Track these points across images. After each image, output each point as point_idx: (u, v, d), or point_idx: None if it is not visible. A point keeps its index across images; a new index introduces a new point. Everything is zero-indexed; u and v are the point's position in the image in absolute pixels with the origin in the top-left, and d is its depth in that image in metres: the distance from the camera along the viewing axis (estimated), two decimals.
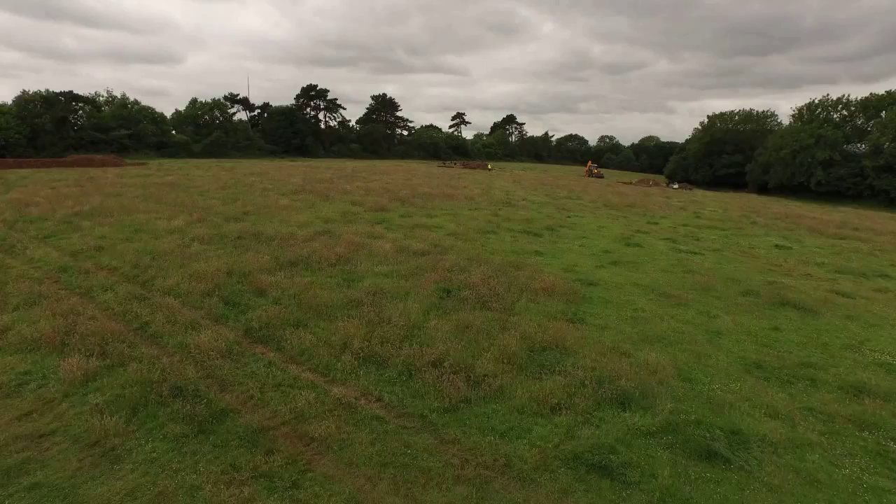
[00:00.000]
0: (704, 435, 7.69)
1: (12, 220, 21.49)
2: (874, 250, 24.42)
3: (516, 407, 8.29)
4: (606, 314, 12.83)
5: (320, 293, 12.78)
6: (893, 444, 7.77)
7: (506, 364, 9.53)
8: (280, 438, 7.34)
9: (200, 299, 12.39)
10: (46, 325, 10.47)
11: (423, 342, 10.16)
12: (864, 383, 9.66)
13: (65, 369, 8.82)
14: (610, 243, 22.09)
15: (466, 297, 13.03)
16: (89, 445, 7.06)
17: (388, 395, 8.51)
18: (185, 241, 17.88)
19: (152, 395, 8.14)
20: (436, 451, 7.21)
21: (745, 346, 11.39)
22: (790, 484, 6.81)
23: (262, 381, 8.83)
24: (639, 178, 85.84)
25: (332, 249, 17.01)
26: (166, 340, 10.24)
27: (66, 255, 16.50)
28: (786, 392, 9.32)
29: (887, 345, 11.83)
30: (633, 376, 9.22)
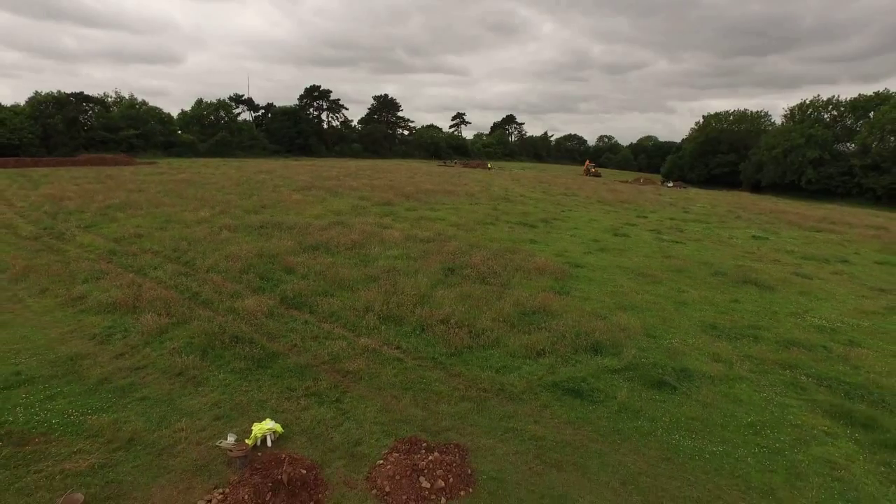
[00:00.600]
0: (658, 371, 9.68)
1: (53, 212, 23.48)
2: (843, 241, 26.41)
3: (509, 352, 10.28)
4: (589, 289, 14.83)
5: (341, 270, 14.79)
6: (805, 378, 9.77)
7: (501, 322, 11.53)
8: (322, 372, 9.34)
9: (238, 275, 14.39)
10: (117, 293, 12.48)
11: (433, 306, 12.16)
12: (797, 339, 11.66)
13: (142, 323, 10.82)
14: (599, 234, 24.07)
15: (468, 275, 15.04)
16: (175, 375, 9.05)
17: (406, 344, 10.51)
18: (214, 230, 19.88)
19: (216, 342, 10.12)
20: (445, 381, 9.21)
21: (706, 313, 13.39)
22: (719, 402, 8.80)
23: (301, 334, 10.82)
24: (635, 176, 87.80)
25: (348, 236, 19.02)
26: (217, 305, 12.23)
27: (110, 241, 18.50)
28: (731, 345, 11.31)
29: (826, 313, 13.84)
30: (606, 332, 11.22)
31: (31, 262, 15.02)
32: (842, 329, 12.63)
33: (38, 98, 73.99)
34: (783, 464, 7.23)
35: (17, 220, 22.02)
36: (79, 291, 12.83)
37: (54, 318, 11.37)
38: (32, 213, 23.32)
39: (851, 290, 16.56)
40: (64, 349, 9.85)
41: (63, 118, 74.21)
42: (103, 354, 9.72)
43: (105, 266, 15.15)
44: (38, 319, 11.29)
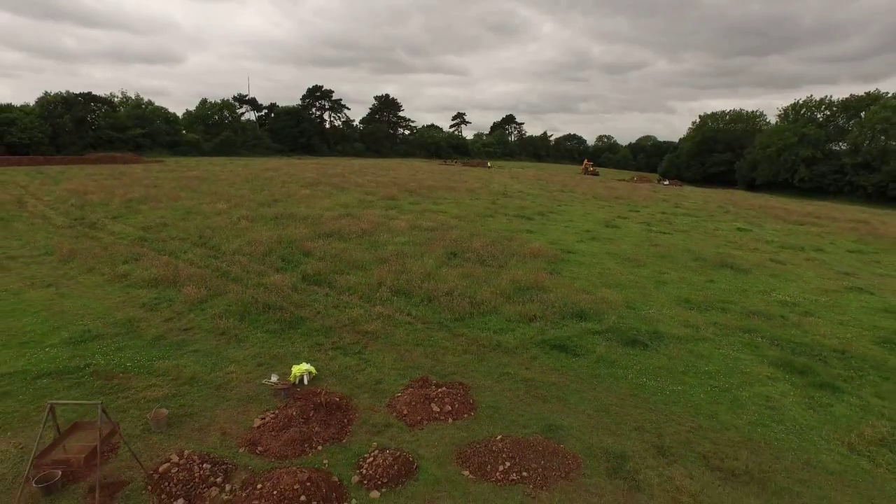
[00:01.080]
0: (633, 333, 11.23)
1: (79, 204, 25.03)
2: (822, 233, 27.96)
3: (505, 318, 11.83)
4: (578, 270, 16.39)
5: (354, 253, 16.35)
6: (760, 339, 11.31)
7: (498, 295, 13.08)
8: (344, 332, 10.89)
9: (262, 258, 15.95)
10: (156, 271, 14.03)
11: (438, 282, 13.72)
12: (760, 310, 13.21)
13: (184, 294, 12.37)
14: (592, 225, 25.62)
15: (469, 258, 16.60)
16: (219, 334, 10.59)
17: (415, 312, 12.06)
18: (233, 220, 21.43)
19: (251, 309, 11.67)
20: (450, 339, 10.76)
21: (683, 290, 14.94)
22: (683, 356, 10.35)
23: (323, 304, 12.37)
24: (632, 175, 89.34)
25: (358, 225, 20.58)
26: (246, 281, 13.77)
27: (138, 229, 20.05)
28: (701, 314, 12.86)
29: (791, 291, 15.38)
30: (590, 303, 12.77)
31: (74, 246, 16.57)
32: (801, 303, 14.18)
33: (47, 98, 75.58)
34: (728, 398, 8.79)
35: (49, 211, 23.57)
36: (122, 270, 14.39)
37: (105, 292, 12.92)
38: (61, 206, 24.87)
39: (819, 273, 18.11)
40: (120, 314, 11.40)
41: (71, 118, 75.78)
42: (154, 318, 11.27)
43: (139, 250, 16.71)
44: (92, 292, 12.85)
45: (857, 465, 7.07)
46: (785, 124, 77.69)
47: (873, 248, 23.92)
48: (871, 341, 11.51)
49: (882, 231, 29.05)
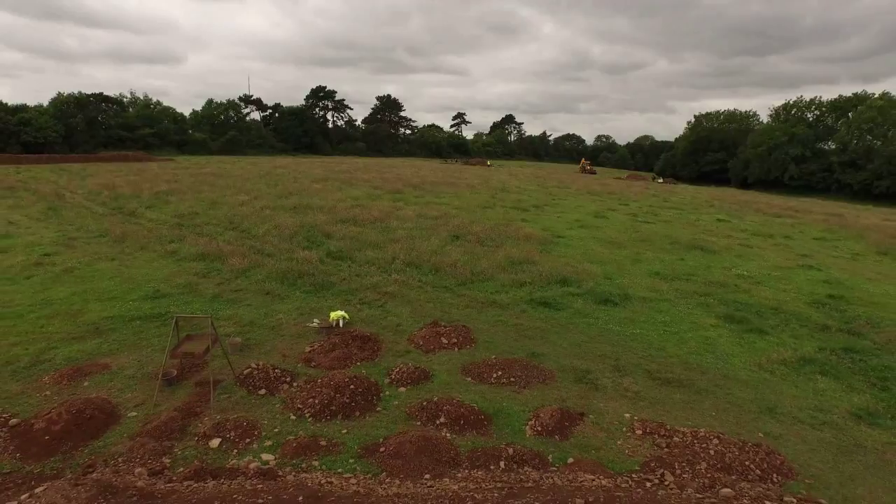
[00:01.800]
0: (606, 295, 13.53)
1: (113, 196, 27.36)
2: (796, 223, 30.26)
3: (500, 283, 14.15)
4: (566, 250, 18.70)
5: (369, 235, 18.68)
6: (712, 301, 13.61)
7: (495, 267, 15.39)
8: (368, 292, 13.19)
9: (289, 238, 18.27)
10: (201, 248, 16.35)
11: (443, 257, 16.04)
12: (719, 280, 15.53)
13: (230, 265, 14.70)
14: (582, 216, 27.92)
15: (469, 239, 18.93)
16: (264, 294, 12.89)
17: (425, 278, 14.38)
18: (256, 209, 23.75)
19: (288, 276, 13.98)
20: (455, 298, 13.06)
21: (655, 266, 17.23)
22: (645, 311, 12.65)
23: (347, 273, 14.68)
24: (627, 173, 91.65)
25: (370, 213, 22.91)
26: (279, 256, 16.07)
27: (172, 217, 22.37)
28: (667, 283, 15.16)
29: (749, 267, 17.68)
30: (573, 273, 15.08)
31: (123, 230, 18.89)
32: (755, 276, 16.48)
33: (60, 99, 77.92)
34: (676, 338, 11.10)
35: (87, 202, 25.89)
36: (171, 248, 16.71)
37: (161, 264, 15.24)
38: (96, 198, 27.19)
39: (780, 255, 20.42)
40: (179, 280, 13.71)
41: (84, 117, 78.09)
42: (208, 283, 13.59)
43: (180, 233, 19.03)
44: (150, 265, 15.17)
45: (761, 377, 9.38)
46: (776, 124, 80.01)
47: (837, 236, 26.22)
48: (803, 303, 13.83)
49: (851, 223, 31.34)
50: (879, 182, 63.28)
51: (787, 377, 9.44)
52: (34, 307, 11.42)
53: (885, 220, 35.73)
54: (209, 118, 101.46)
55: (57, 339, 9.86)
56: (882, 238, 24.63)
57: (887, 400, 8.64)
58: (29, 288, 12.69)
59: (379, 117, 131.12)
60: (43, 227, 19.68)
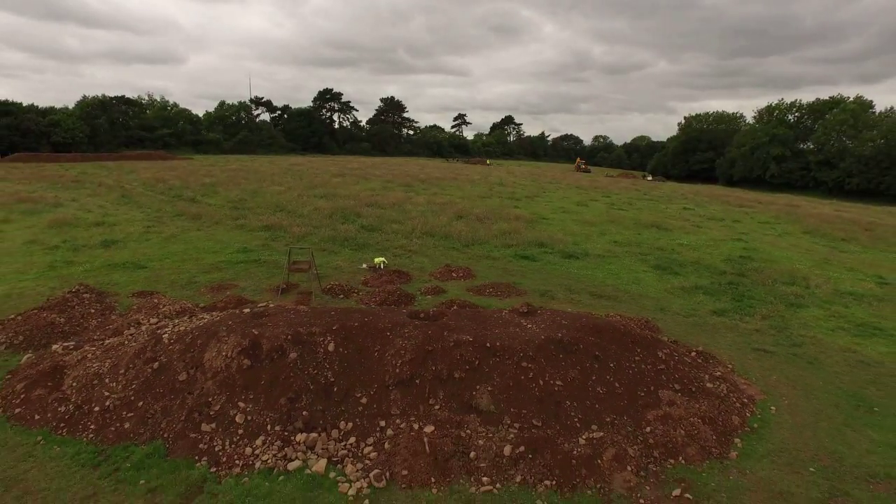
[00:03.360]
0: (572, 252, 18.39)
1: (167, 187, 32.23)
2: (751, 212, 35.09)
3: (493, 245, 19.03)
4: (546, 226, 23.57)
5: (391, 215, 23.56)
6: (650, 257, 18.47)
7: (490, 236, 20.27)
8: (396, 249, 18.04)
9: (329, 216, 23.14)
10: (263, 222, 21.21)
11: (450, 229, 20.91)
12: (662, 247, 20.38)
13: (292, 231, 19.57)
14: (566, 204, 32.79)
15: (471, 218, 23.81)
16: (321, 251, 17.72)
17: (438, 242, 19.25)
18: (294, 196, 28.62)
19: (336, 239, 18.84)
20: (460, 254, 17.93)
21: (616, 237, 22.09)
22: (598, 262, 17.51)
23: (379, 238, 19.54)
24: (619, 172, 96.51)
25: (388, 200, 27.82)
26: (325, 228, 20.91)
27: (226, 202, 27.22)
28: (620, 247, 20.01)
29: (690, 239, 22.51)
30: (549, 240, 19.95)
31: (195, 211, 23.75)
32: (692, 245, 21.33)
33: (85, 101, 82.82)
34: (615, 277, 15.94)
35: (148, 192, 30.75)
36: (239, 223, 21.58)
37: (236, 234, 20.09)
38: (153, 188, 32.06)
39: (722, 232, 25.26)
40: (255, 242, 18.56)
41: (107, 119, 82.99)
42: (278, 244, 18.43)
43: (240, 212, 23.90)
44: (228, 234, 20.03)
45: (664, 295, 14.25)
46: (759, 125, 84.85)
47: (779, 221, 31.05)
48: (718, 260, 18.68)
49: (801, 212, 36.14)
50: (850, 179, 68.16)
51: (681, 295, 14.32)
52: (165, 257, 16.30)
53: (835, 211, 40.54)
54: (221, 119, 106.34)
55: (194, 272, 14.73)
56: (814, 222, 29.49)
57: (737, 306, 13.51)
58: (152, 247, 17.56)
59: (383, 118, 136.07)
60: (129, 210, 24.54)
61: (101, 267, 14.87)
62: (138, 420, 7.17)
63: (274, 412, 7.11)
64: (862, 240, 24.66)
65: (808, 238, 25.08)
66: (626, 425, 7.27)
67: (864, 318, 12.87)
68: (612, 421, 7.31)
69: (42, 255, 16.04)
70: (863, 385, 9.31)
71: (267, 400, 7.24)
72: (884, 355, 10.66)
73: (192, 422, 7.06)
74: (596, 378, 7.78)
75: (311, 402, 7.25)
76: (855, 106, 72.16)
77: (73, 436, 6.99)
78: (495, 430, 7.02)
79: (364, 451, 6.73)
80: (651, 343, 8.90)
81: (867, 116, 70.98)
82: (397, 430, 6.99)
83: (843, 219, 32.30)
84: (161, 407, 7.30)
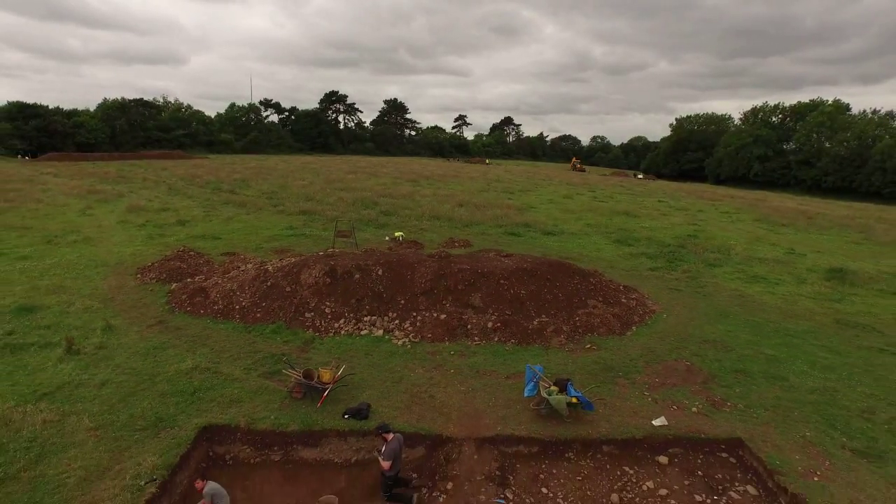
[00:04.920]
0: (550, 231, 22.97)
1: (203, 181, 36.79)
2: (717, 205, 39.61)
3: (488, 226, 23.61)
4: (534, 213, 28.16)
5: (403, 203, 28.16)
6: (613, 235, 23.03)
7: (486, 219, 24.86)
8: (411, 228, 22.62)
9: (351, 205, 27.72)
10: (299, 207, 25.80)
11: (453, 214, 25.52)
12: (625, 228, 24.93)
13: (324, 215, 24.16)
14: (554, 196, 37.35)
15: (470, 206, 28.42)
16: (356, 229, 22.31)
17: (443, 223, 23.84)
18: (318, 189, 33.20)
19: (360, 221, 23.42)
20: (461, 231, 22.50)
21: (589, 221, 26.64)
22: (571, 238, 22.08)
23: (395, 220, 24.11)
24: (612, 171, 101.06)
25: (399, 192, 32.40)
26: (349, 214, 25.48)
27: (262, 193, 31.80)
28: (591, 228, 24.55)
29: (652, 224, 27.07)
30: (534, 222, 24.54)
31: (240, 200, 28.33)
32: (652, 228, 25.87)
33: (105, 104, 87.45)
34: (581, 247, 20.49)
35: (188, 186, 35.32)
36: (278, 209, 26.16)
37: (279, 217, 24.66)
38: (192, 183, 36.63)
39: (683, 219, 29.80)
40: (296, 222, 23.12)
41: (126, 121, 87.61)
42: (314, 224, 23.01)
43: (276, 201, 28.49)
44: (273, 217, 24.59)
45: (616, 259, 18.81)
46: (745, 126, 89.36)
47: (739, 211, 35.59)
48: (668, 237, 23.23)
49: (764, 205, 40.67)
50: (826, 178, 72.59)
51: (629, 258, 18.89)
52: (231, 232, 20.87)
53: (799, 205, 45.07)
54: (232, 120, 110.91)
55: (258, 241, 19.31)
56: (767, 212, 34.07)
57: (668, 265, 18.07)
58: (217, 226, 22.14)
59: (386, 119, 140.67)
60: (182, 200, 29.14)
61: (185, 238, 19.45)
62: (264, 313, 11.75)
63: (348, 307, 11.70)
64: (799, 225, 29.25)
65: (755, 224, 29.64)
66: (563, 315, 11.85)
67: (758, 273, 17.47)
68: (555, 313, 11.89)
69: (136, 230, 20.65)
70: (731, 306, 13.89)
71: (343, 301, 11.83)
72: (756, 293, 15.26)
73: (299, 312, 11.64)
74: (546, 290, 12.36)
75: (370, 302, 11.84)
76: (832, 108, 76.63)
77: (227, 320, 11.57)
78: (483, 316, 11.60)
79: (404, 326, 11.31)
80: (587, 273, 13.50)
81: (843, 118, 75.45)
82: (423, 316, 11.57)
83: (796, 210, 36.86)
84: (277, 305, 11.88)
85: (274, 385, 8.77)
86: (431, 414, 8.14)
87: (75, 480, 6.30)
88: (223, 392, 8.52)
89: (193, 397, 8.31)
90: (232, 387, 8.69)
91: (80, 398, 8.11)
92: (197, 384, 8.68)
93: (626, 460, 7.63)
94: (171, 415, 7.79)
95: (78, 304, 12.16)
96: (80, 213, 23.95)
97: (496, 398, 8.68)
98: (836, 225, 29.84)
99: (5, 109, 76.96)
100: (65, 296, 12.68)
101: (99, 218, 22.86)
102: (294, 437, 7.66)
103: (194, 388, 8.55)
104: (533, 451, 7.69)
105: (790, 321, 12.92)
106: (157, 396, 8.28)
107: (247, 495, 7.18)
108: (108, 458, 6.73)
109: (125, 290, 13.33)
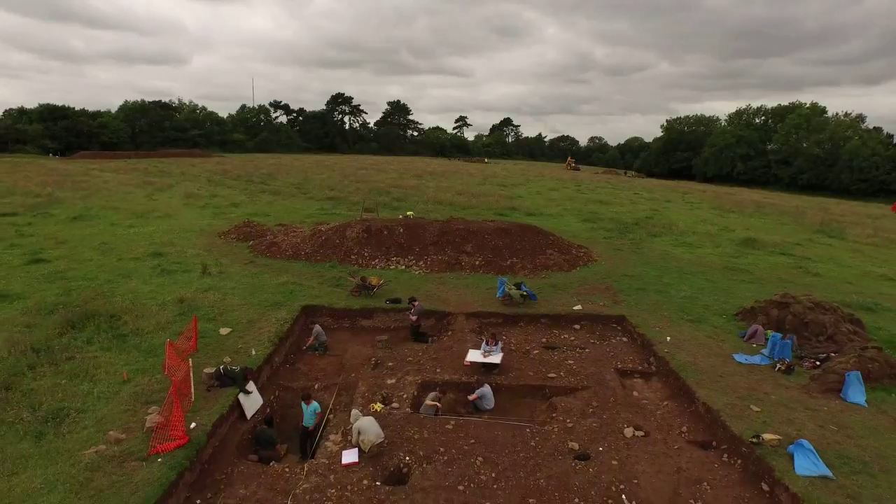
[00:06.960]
0: (532, 212, 28.22)
1: (234, 175, 42.09)
2: (688, 196, 44.81)
3: (481, 209, 28.89)
4: (521, 201, 33.41)
5: (411, 192, 33.48)
6: (584, 216, 28.31)
7: (480, 205, 30.14)
8: (419, 208, 27.89)
9: (368, 192, 33.01)
10: (326, 194, 31.09)
11: (454, 200, 30.80)
12: (596, 212, 30.17)
13: (349, 200, 29.46)
14: (542, 189, 42.63)
15: (468, 195, 33.72)
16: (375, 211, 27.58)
17: (444, 207, 29.12)
18: (336, 180, 38.50)
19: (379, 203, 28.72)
20: (460, 213, 27.75)
21: (568, 207, 31.86)
22: (548, 218, 27.31)
23: (405, 204, 29.38)
24: (604, 170, 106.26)
25: (407, 184, 37.74)
26: (367, 200, 30.75)
27: (289, 184, 37.10)
28: (567, 212, 29.79)
29: (619, 209, 32.32)
30: (520, 207, 29.81)
31: (273, 188, 33.60)
32: (619, 212, 31.07)
33: (126, 106, 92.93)
34: (555, 225, 25.76)
35: (223, 179, 40.58)
36: (308, 196, 31.44)
37: (310, 202, 29.92)
38: (224, 176, 41.89)
39: (646, 206, 35.00)
40: (326, 205, 28.40)
41: (147, 121, 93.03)
42: (340, 208, 28.28)
43: (303, 191, 33.77)
44: (305, 202, 29.87)
45: (582, 232, 24.05)
46: (730, 127, 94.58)
47: (702, 202, 40.78)
48: (628, 218, 28.42)
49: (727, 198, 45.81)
50: (802, 175, 77.70)
51: (591, 231, 24.11)
52: (275, 212, 26.13)
53: (763, 198, 50.24)
54: (243, 121, 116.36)
55: (300, 218, 24.57)
56: (725, 202, 39.34)
57: (619, 235, 23.31)
58: (262, 207, 27.41)
59: (389, 120, 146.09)
60: (223, 189, 34.42)
61: (243, 215, 24.72)
62: (322, 256, 17.03)
63: (380, 252, 16.99)
64: (746, 212, 34.50)
65: (710, 211, 34.86)
66: (528, 258, 17.13)
67: (688, 241, 22.71)
68: (522, 257, 17.17)
69: (201, 210, 25.95)
70: (654, 259, 19.14)
71: (377, 248, 17.12)
72: (679, 252, 20.51)
73: (346, 256, 16.93)
74: (517, 243, 17.65)
75: (395, 249, 17.13)
76: (808, 111, 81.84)
77: (297, 260, 16.83)
78: (472, 258, 16.88)
79: (419, 264, 16.60)
80: (547, 234, 18.81)
81: (818, 121, 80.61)
82: (432, 258, 16.85)
83: (752, 201, 42.12)
84: (331, 251, 17.16)
85: (340, 290, 14.05)
86: (439, 303, 13.39)
87: (248, 319, 11.57)
88: (309, 292, 13.78)
89: (292, 295, 13.56)
90: (313, 290, 13.95)
91: (225, 291, 13.38)
92: (291, 288, 13.95)
93: (554, 326, 12.88)
94: (283, 300, 13.04)
95: (190, 251, 17.44)
96: (146, 198, 29.25)
97: (478, 296, 13.95)
98: (778, 212, 35.08)
99: (36, 112, 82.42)
100: (178, 247, 17.97)
101: (164, 202, 28.15)
102: (357, 312, 12.93)
103: (290, 290, 13.81)
104: (499, 321, 12.95)
105: (692, 267, 18.17)
106: (270, 292, 13.54)
107: (332, 340, 12.44)
108: (257, 315, 11.99)
109: (217, 245, 18.61)
